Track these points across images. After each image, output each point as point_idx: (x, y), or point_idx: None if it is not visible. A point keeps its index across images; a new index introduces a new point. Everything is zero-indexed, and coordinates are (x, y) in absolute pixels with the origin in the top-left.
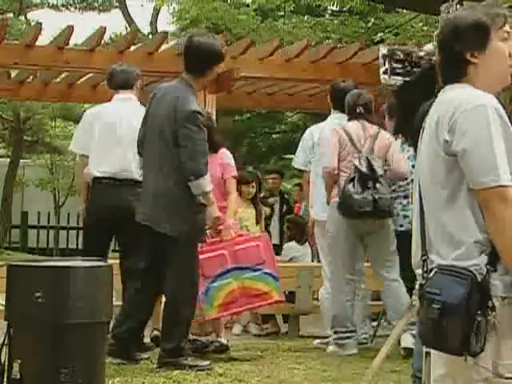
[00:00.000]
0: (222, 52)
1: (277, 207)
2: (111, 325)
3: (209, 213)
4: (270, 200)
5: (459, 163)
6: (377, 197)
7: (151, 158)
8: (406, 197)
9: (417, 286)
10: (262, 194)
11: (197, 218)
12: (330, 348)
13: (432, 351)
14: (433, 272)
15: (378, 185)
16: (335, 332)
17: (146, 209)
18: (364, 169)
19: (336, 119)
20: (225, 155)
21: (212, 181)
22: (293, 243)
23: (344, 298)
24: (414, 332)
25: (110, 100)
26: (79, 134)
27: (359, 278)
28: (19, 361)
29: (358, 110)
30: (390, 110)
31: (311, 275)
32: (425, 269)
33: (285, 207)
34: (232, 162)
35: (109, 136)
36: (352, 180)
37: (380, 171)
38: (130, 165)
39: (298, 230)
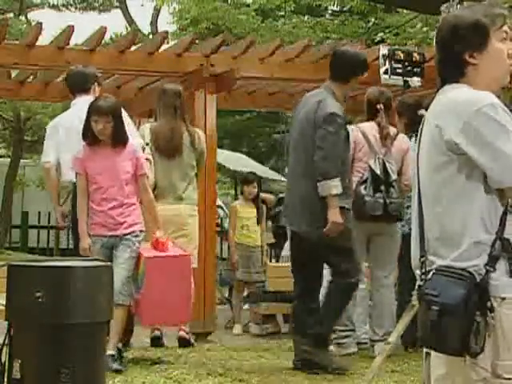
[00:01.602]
0: (366, 61)
1: None
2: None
3: (329, 216)
4: None
5: (472, 164)
6: (388, 201)
7: (296, 164)
8: None
9: (416, 287)
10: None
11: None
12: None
13: (432, 352)
14: (431, 273)
15: (391, 189)
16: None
17: (291, 213)
18: (378, 171)
19: None
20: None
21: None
22: None
23: None
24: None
25: None
26: (48, 145)
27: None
28: (19, 361)
29: (378, 107)
30: (400, 110)
31: None
32: (423, 270)
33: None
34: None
35: (77, 142)
36: (365, 182)
37: (394, 175)
38: None
39: None
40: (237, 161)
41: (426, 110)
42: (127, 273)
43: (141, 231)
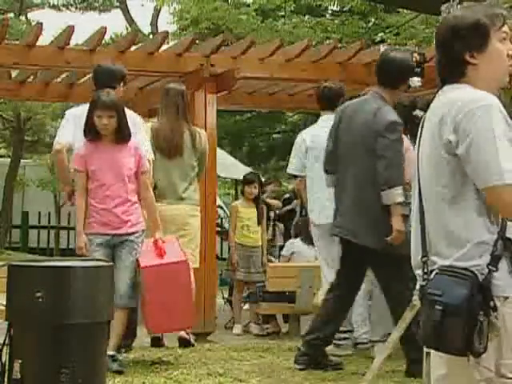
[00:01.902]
0: (414, 65)
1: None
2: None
3: (394, 224)
4: (293, 203)
5: (463, 164)
6: None
7: (349, 173)
8: None
9: (417, 287)
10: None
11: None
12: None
13: (432, 351)
14: (434, 273)
15: None
16: None
17: (345, 223)
18: None
19: (329, 121)
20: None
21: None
22: (297, 240)
23: None
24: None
25: None
26: (64, 129)
27: None
28: (20, 361)
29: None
30: (396, 109)
31: (312, 275)
32: (425, 270)
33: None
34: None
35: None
36: None
37: None
38: None
39: (303, 229)
40: (228, 169)
41: (421, 110)
42: (132, 275)
43: (143, 231)
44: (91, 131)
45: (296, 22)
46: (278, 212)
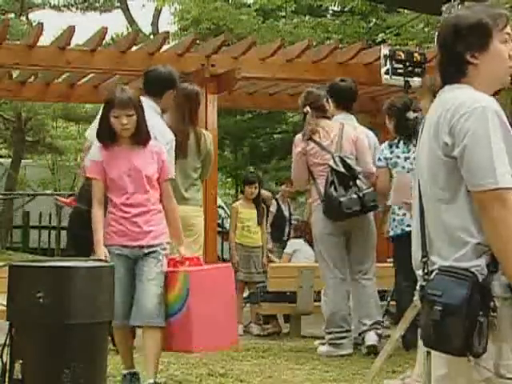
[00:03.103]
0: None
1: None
2: None
3: None
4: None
5: (459, 166)
6: (361, 194)
7: None
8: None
9: (418, 287)
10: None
11: None
12: (322, 348)
13: (432, 351)
14: (434, 273)
15: (358, 181)
16: (330, 332)
17: None
18: (341, 169)
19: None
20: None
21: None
22: (299, 240)
23: (338, 297)
24: (379, 331)
25: None
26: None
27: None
28: (20, 361)
29: (305, 110)
30: (389, 111)
31: (313, 275)
32: (425, 270)
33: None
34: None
35: None
36: (332, 183)
37: (358, 168)
38: None
39: (304, 230)
40: None
41: (414, 112)
42: (160, 290)
43: (167, 243)
44: (107, 134)
45: (297, 22)
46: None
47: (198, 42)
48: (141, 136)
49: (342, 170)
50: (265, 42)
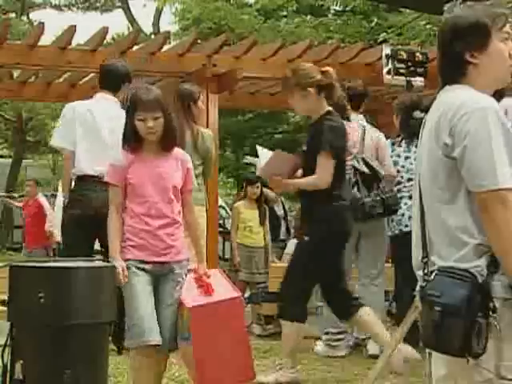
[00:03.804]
0: None
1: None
2: None
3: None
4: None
5: (459, 166)
6: (384, 196)
7: None
8: (411, 197)
9: (417, 288)
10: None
11: None
12: (319, 348)
13: (433, 352)
14: (434, 274)
15: (381, 184)
16: (326, 333)
17: None
18: (365, 170)
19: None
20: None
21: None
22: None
23: None
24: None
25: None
26: (67, 128)
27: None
28: (21, 362)
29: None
30: (397, 108)
31: None
32: (425, 271)
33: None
34: None
35: (97, 136)
36: (356, 184)
37: (381, 171)
38: None
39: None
40: None
41: (423, 111)
42: (175, 315)
43: (188, 260)
44: (131, 138)
45: (298, 21)
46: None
47: (199, 41)
48: (168, 141)
49: (366, 171)
50: (266, 42)
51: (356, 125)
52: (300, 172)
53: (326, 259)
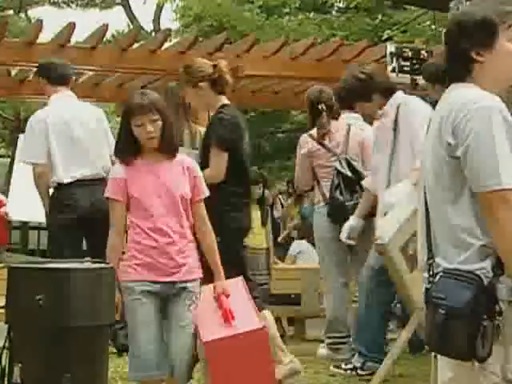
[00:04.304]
0: None
1: None
2: None
3: None
4: None
5: (462, 166)
6: None
7: None
8: None
9: (423, 290)
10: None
11: None
12: (322, 351)
13: (439, 355)
14: (438, 276)
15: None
16: (329, 337)
17: None
18: (348, 172)
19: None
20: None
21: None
22: (303, 241)
23: (339, 302)
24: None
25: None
26: (31, 142)
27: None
28: (20, 365)
29: (320, 107)
30: None
31: (317, 277)
32: (430, 272)
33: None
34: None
35: (66, 139)
36: (338, 186)
37: (364, 172)
38: (95, 164)
39: (306, 232)
40: None
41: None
42: (191, 338)
43: (201, 278)
44: (130, 148)
45: (301, 19)
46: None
47: (200, 39)
48: (169, 145)
49: (349, 173)
50: (268, 40)
51: (342, 124)
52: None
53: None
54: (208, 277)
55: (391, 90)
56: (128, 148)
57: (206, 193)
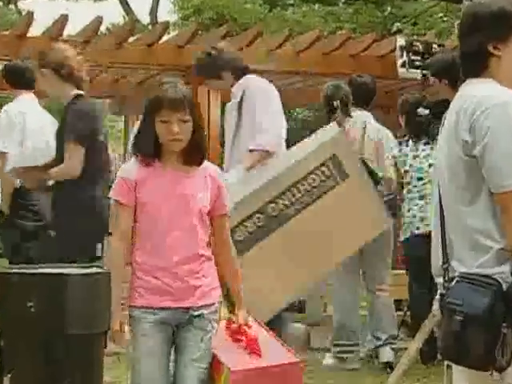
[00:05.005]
0: None
1: None
2: None
3: None
4: None
5: (480, 165)
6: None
7: None
8: (421, 197)
9: (437, 296)
10: None
11: None
12: (328, 361)
13: (453, 365)
14: (454, 281)
15: (379, 187)
16: (337, 345)
17: None
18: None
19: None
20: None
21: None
22: None
23: (348, 308)
24: (394, 346)
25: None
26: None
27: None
28: (10, 374)
29: (335, 104)
30: (401, 107)
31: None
32: (446, 277)
33: None
34: None
35: (39, 141)
36: None
37: (380, 173)
38: None
39: None
40: None
41: (427, 108)
42: (204, 375)
43: (220, 302)
44: (149, 146)
45: (306, 11)
46: None
47: (200, 32)
48: (196, 152)
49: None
50: (271, 33)
51: (357, 122)
52: None
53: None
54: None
55: (243, 71)
56: (147, 146)
57: (230, 206)
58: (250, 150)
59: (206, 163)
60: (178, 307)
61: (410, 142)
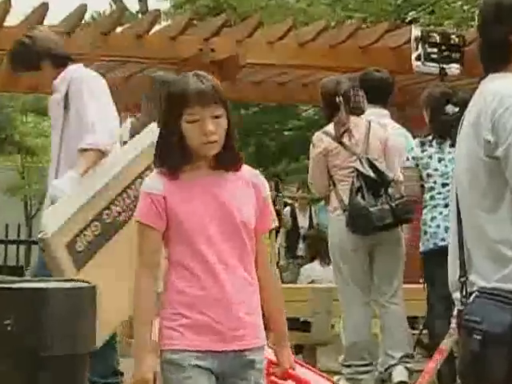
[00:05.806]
0: None
1: None
2: None
3: None
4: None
5: (503, 168)
6: (393, 204)
7: None
8: (447, 205)
9: (455, 313)
10: None
11: None
12: None
13: None
14: (473, 296)
15: (390, 190)
16: (349, 365)
17: None
18: (371, 173)
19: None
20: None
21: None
22: (315, 264)
23: (360, 324)
24: (408, 365)
25: None
26: None
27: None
28: None
29: (337, 100)
30: (425, 102)
31: (330, 299)
32: (464, 292)
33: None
34: None
35: None
36: (359, 190)
37: (390, 173)
38: None
39: (320, 247)
40: None
41: (457, 105)
42: None
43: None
44: (173, 153)
45: None
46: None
47: (194, 22)
48: (233, 154)
49: (372, 174)
50: (274, 23)
51: (361, 120)
52: None
53: None
54: None
55: (64, 60)
56: (173, 153)
57: (274, 220)
58: (82, 150)
59: (244, 167)
60: (228, 350)
61: (435, 142)
